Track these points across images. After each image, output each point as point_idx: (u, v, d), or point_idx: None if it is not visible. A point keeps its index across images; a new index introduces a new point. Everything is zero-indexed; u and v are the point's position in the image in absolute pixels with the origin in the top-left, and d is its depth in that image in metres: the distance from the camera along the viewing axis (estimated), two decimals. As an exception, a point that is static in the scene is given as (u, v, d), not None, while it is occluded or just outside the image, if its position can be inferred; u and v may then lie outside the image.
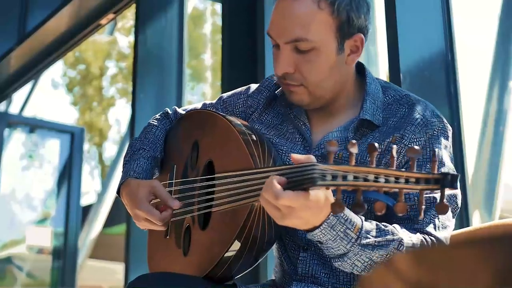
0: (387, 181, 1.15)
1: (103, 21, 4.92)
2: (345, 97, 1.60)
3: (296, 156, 1.28)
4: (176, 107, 1.89)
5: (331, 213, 1.31)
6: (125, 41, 15.47)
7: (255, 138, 1.52)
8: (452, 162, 1.54)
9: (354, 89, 1.61)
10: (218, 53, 3.79)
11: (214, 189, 1.56)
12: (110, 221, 10.14)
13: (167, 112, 1.88)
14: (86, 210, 9.38)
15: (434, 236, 1.44)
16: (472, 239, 0.62)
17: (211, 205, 1.56)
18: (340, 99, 1.60)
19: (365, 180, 1.15)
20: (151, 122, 1.86)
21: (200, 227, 1.59)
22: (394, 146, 1.18)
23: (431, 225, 1.45)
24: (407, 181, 1.16)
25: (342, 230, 1.33)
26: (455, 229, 2.24)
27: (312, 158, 1.26)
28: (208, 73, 13.98)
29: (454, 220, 1.51)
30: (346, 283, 1.55)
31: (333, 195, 1.26)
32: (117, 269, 9.87)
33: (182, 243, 1.63)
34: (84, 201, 11.17)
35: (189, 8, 4.58)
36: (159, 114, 1.89)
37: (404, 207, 1.15)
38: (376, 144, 1.15)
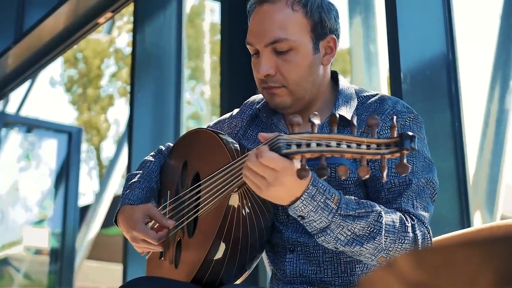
0: (349, 147, 1.21)
1: (101, 19, 4.92)
2: (321, 101, 1.67)
3: (264, 134, 1.34)
4: (169, 144, 1.97)
5: (310, 183, 1.36)
6: (124, 40, 15.48)
7: (235, 141, 1.61)
8: (428, 152, 1.60)
9: (329, 94, 1.69)
10: (218, 53, 3.80)
11: (200, 194, 1.62)
12: (108, 222, 10.14)
13: (161, 149, 1.96)
14: (84, 210, 9.38)
15: (413, 213, 1.49)
16: (474, 240, 0.62)
17: (198, 211, 1.62)
18: (317, 103, 1.67)
19: (328, 146, 1.21)
20: (146, 158, 1.94)
21: (189, 235, 1.64)
22: (355, 116, 1.23)
23: (409, 204, 1.50)
24: (368, 147, 1.21)
25: (322, 200, 1.37)
26: (456, 230, 2.24)
27: (277, 134, 1.32)
28: (207, 73, 13.99)
29: (432, 206, 1.55)
30: (334, 275, 1.60)
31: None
32: (115, 270, 9.88)
33: (174, 258, 1.69)
34: (82, 202, 11.18)
35: (188, 7, 4.58)
36: (153, 151, 1.98)
37: (366, 170, 1.19)
38: (337, 114, 1.22)
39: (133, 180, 1.84)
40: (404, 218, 1.46)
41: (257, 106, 1.77)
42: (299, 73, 1.59)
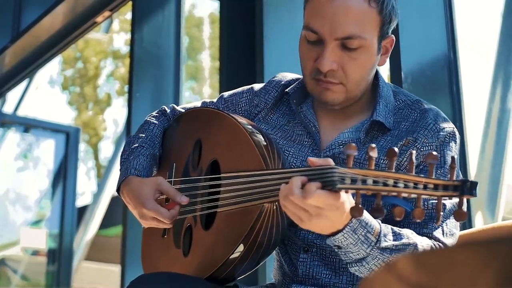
0: (406, 186, 1.17)
1: (99, 18, 4.92)
2: (363, 100, 1.62)
3: (314, 160, 1.28)
4: (174, 105, 1.87)
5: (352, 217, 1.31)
6: (122, 40, 15.47)
7: (264, 139, 1.51)
8: (459, 168, 1.57)
9: (370, 92, 1.63)
10: (217, 53, 3.80)
11: (220, 189, 1.54)
12: (106, 223, 10.13)
13: (165, 110, 1.86)
14: (82, 211, 9.37)
15: (442, 243, 1.47)
16: (475, 241, 0.62)
17: (216, 205, 1.54)
18: (359, 101, 1.61)
19: (385, 184, 1.16)
20: (148, 119, 1.83)
21: (203, 228, 1.57)
22: (413, 152, 1.18)
23: (439, 231, 1.47)
24: (425, 187, 1.17)
25: (363, 234, 1.34)
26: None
27: (330, 161, 1.26)
28: (206, 72, 13.98)
29: (459, 227, 1.54)
30: (349, 282, 1.56)
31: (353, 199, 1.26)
32: (113, 271, 9.87)
33: (181, 243, 1.62)
34: (80, 202, 11.17)
35: (186, 6, 4.58)
36: (156, 111, 1.87)
37: (422, 212, 1.16)
38: (396, 149, 1.16)
39: (136, 145, 1.73)
40: (435, 247, 1.44)
41: (286, 90, 1.67)
42: (362, 73, 1.53)
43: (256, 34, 3.38)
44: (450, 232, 1.48)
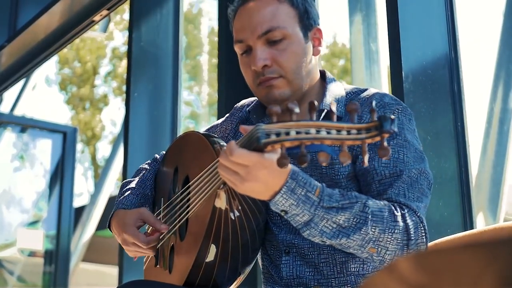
0: (329, 133, 1.20)
1: (97, 17, 4.92)
2: (311, 97, 1.69)
3: (244, 126, 1.35)
4: (164, 152, 1.98)
5: (288, 176, 1.36)
6: (120, 39, 15.48)
7: (221, 142, 1.61)
8: (419, 144, 1.60)
9: (320, 89, 1.72)
10: (216, 52, 3.79)
11: (189, 196, 1.64)
12: (104, 223, 10.13)
13: (156, 158, 1.98)
14: (79, 212, 9.37)
15: (404, 203, 1.48)
16: (476, 242, 0.62)
17: (188, 212, 1.63)
18: (308, 98, 1.68)
19: (307, 133, 1.20)
20: (141, 166, 1.97)
21: (180, 239, 1.65)
22: (334, 103, 1.23)
23: (400, 195, 1.50)
24: (348, 133, 1.21)
25: (303, 193, 1.37)
26: (458, 232, 2.24)
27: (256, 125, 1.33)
28: (205, 72, 13.98)
29: (429, 195, 1.55)
30: (330, 276, 1.61)
31: None
32: (111, 272, 9.87)
33: (167, 263, 1.70)
34: (77, 203, 11.17)
35: (185, 4, 4.58)
36: (149, 160, 2.00)
37: (348, 155, 1.19)
38: (315, 102, 1.21)
39: (128, 187, 1.86)
40: (393, 208, 1.45)
41: (247, 109, 1.80)
42: (296, 60, 1.63)
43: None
44: (413, 196, 1.50)
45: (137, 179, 1.90)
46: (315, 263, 1.61)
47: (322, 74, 1.76)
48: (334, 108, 1.22)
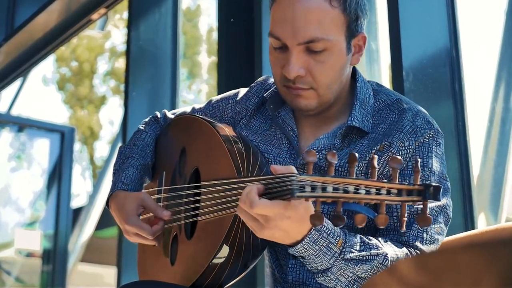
0: (367, 192, 1.16)
1: (94, 16, 4.92)
2: (339, 104, 1.61)
3: (276, 167, 1.29)
4: (166, 111, 1.90)
5: (312, 227, 1.32)
6: (118, 37, 15.47)
7: (240, 147, 1.53)
8: (444, 169, 1.55)
9: (348, 94, 1.62)
10: (215, 51, 3.79)
11: (200, 197, 1.57)
12: (102, 224, 10.13)
13: (157, 116, 1.89)
14: (77, 212, 9.36)
15: (421, 250, 1.45)
16: (478, 243, 0.62)
17: (197, 214, 1.58)
18: (335, 105, 1.60)
19: (345, 191, 1.16)
20: (140, 127, 1.87)
21: (187, 237, 1.61)
22: (375, 157, 1.18)
23: (418, 239, 1.46)
24: (388, 193, 1.16)
25: (325, 245, 1.34)
26: (459, 232, 2.24)
27: (292, 169, 1.28)
28: (204, 71, 13.98)
29: (445, 232, 1.52)
30: None
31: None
32: (109, 273, 9.86)
33: (169, 252, 1.65)
34: (75, 203, 11.17)
35: (184, 2, 4.58)
36: (148, 118, 1.90)
37: (385, 219, 1.15)
38: (357, 154, 1.16)
39: (127, 156, 1.77)
40: (410, 256, 1.43)
41: (265, 95, 1.68)
42: (331, 75, 1.51)
43: (255, 29, 3.38)
44: (430, 239, 1.46)
45: (137, 145, 1.80)
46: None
47: (353, 72, 1.63)
48: (375, 163, 1.16)
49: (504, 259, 0.61)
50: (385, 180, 1.17)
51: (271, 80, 1.74)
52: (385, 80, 4.20)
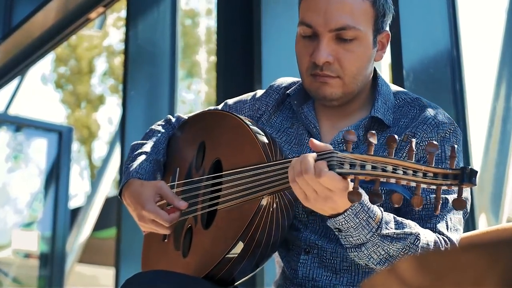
0: (405, 173, 1.19)
1: (93, 15, 4.92)
2: (362, 98, 1.65)
3: (315, 142, 1.32)
4: (179, 114, 1.92)
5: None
6: (116, 36, 15.47)
7: (266, 138, 1.55)
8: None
9: (369, 90, 1.67)
10: (214, 50, 3.80)
11: (222, 186, 1.57)
12: (100, 225, 10.13)
13: (170, 119, 1.91)
14: (75, 213, 9.36)
15: (447, 236, 1.48)
16: (479, 243, 0.62)
17: (217, 203, 1.56)
18: (358, 99, 1.64)
19: (383, 170, 1.19)
20: (153, 127, 1.88)
21: (203, 227, 1.59)
22: (413, 140, 1.22)
23: (443, 225, 1.49)
24: (424, 175, 1.19)
25: (364, 218, 1.37)
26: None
27: (330, 146, 1.31)
28: (203, 70, 13.98)
29: (463, 225, 1.55)
30: (349, 284, 1.58)
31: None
32: (107, 274, 9.87)
33: (181, 245, 1.63)
34: (73, 204, 11.16)
35: (182, 1, 4.58)
36: (161, 120, 1.92)
37: (421, 200, 1.19)
38: (396, 136, 1.19)
39: (139, 151, 1.78)
40: (439, 241, 1.46)
41: (287, 92, 1.71)
42: (358, 65, 1.56)
43: (254, 30, 3.38)
44: (454, 227, 1.50)
45: (150, 142, 1.80)
46: (336, 269, 1.58)
47: (374, 72, 1.69)
48: (413, 145, 1.19)
49: (506, 260, 0.61)
50: (422, 163, 1.20)
51: (290, 80, 1.78)
52: (386, 80, 4.19)
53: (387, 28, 1.62)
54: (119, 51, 14.76)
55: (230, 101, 1.85)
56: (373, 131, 1.21)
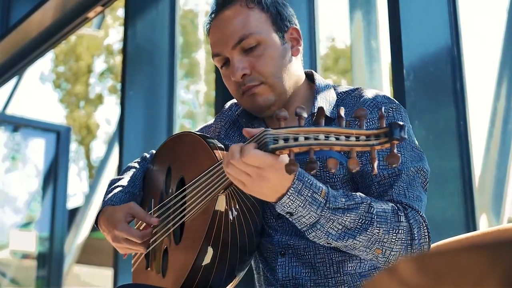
0: (337, 139, 1.22)
1: (91, 14, 4.92)
2: (300, 99, 1.70)
3: (249, 130, 1.35)
4: (153, 151, 1.98)
5: (295, 178, 1.38)
6: (115, 36, 15.47)
7: (217, 140, 1.63)
8: (415, 140, 1.62)
9: (307, 91, 1.73)
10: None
11: (186, 199, 1.64)
12: (98, 225, 10.11)
13: (145, 156, 1.99)
14: (73, 213, 9.37)
15: (406, 203, 1.50)
16: (479, 244, 0.62)
17: (184, 215, 1.63)
18: (296, 101, 1.69)
19: (316, 139, 1.22)
20: (130, 164, 1.97)
21: (175, 242, 1.65)
22: (342, 108, 1.25)
23: (401, 195, 1.52)
24: (357, 139, 1.22)
25: (309, 194, 1.39)
26: (461, 233, 2.24)
27: (263, 129, 1.34)
28: (202, 71, 13.98)
29: (425, 197, 1.57)
30: (326, 276, 1.62)
31: None
32: (106, 274, 9.87)
33: (161, 267, 1.69)
34: (71, 204, 11.17)
35: (183, 3, 4.59)
36: (138, 158, 2.00)
37: (357, 162, 1.21)
38: (324, 107, 1.24)
39: (116, 184, 1.86)
40: (397, 208, 1.48)
41: (236, 112, 1.80)
42: (274, 64, 1.63)
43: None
44: (414, 196, 1.52)
45: (126, 177, 1.89)
46: (312, 263, 1.62)
47: (310, 75, 1.76)
48: (342, 113, 1.23)
49: (507, 261, 0.60)
50: (353, 128, 1.23)
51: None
52: (386, 79, 4.20)
53: (294, 23, 1.70)
54: (118, 50, 14.77)
55: (197, 129, 1.96)
56: (302, 106, 1.24)
